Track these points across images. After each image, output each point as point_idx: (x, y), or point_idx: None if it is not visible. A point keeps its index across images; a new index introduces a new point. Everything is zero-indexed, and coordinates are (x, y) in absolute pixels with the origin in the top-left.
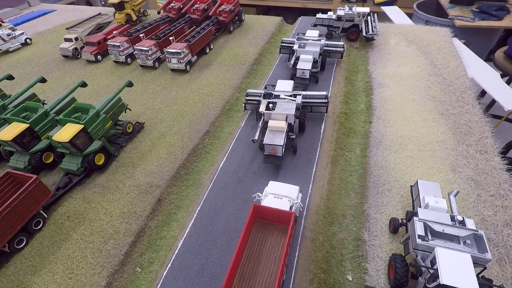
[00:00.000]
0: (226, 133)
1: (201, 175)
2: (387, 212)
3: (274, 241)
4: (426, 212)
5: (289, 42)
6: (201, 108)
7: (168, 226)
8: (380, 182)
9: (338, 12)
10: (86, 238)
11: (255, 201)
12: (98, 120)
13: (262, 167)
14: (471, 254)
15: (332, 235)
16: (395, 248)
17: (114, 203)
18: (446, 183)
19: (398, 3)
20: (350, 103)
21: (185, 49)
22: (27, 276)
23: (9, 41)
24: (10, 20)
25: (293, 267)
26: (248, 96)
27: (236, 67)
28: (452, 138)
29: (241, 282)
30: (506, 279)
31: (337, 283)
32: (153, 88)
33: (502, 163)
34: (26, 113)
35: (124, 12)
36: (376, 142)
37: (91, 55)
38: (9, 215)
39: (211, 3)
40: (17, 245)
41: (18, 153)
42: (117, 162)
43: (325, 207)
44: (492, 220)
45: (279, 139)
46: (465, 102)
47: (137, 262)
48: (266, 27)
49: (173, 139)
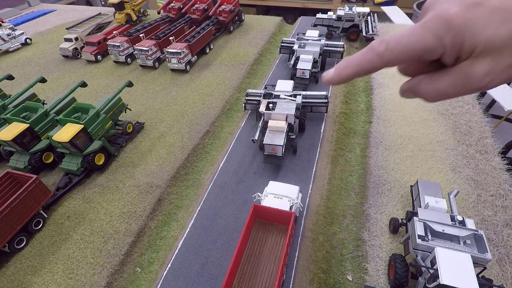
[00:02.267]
0: (226, 133)
1: (201, 175)
2: (387, 212)
3: (274, 241)
4: (426, 212)
5: (289, 42)
6: (201, 108)
7: (168, 226)
8: (380, 182)
9: (338, 12)
10: (86, 238)
11: (255, 201)
12: (98, 120)
13: (262, 167)
14: (471, 254)
15: (332, 235)
16: (395, 248)
17: (114, 203)
18: (446, 183)
19: (398, 3)
20: (350, 103)
21: (185, 49)
22: (27, 276)
23: (9, 41)
24: (10, 20)
25: (293, 267)
26: (248, 96)
27: (236, 67)
28: (452, 138)
29: (241, 282)
30: (506, 279)
31: (337, 283)
32: (153, 88)
33: (502, 163)
34: (26, 113)
35: (124, 12)
36: (376, 142)
37: (91, 55)
38: (9, 215)
39: (211, 3)
40: (17, 245)
41: (18, 153)
42: (117, 162)
43: (325, 207)
44: (492, 220)
45: (279, 139)
46: (465, 102)
47: (137, 262)
48: (266, 27)
49: (173, 139)
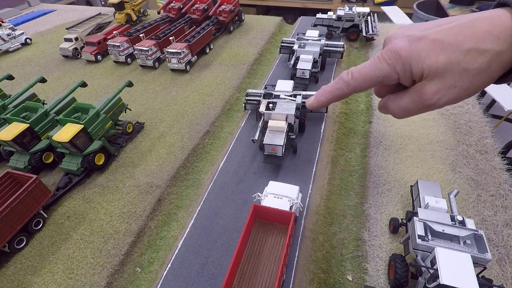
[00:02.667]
0: (226, 133)
1: (201, 175)
2: (387, 212)
3: (274, 241)
4: (426, 212)
5: (289, 42)
6: (201, 108)
7: (168, 226)
8: (380, 182)
9: (338, 12)
10: (86, 238)
11: (255, 201)
12: (98, 120)
13: (262, 167)
14: (471, 254)
15: (332, 235)
16: (395, 248)
17: (114, 203)
18: (446, 183)
19: (398, 3)
20: (350, 103)
21: (185, 49)
22: (27, 276)
23: (9, 41)
24: (10, 20)
25: (293, 267)
26: (248, 96)
27: (236, 67)
28: (452, 138)
29: (241, 282)
30: (506, 279)
31: (337, 283)
32: (153, 88)
33: (502, 163)
34: (26, 113)
35: (124, 12)
36: (376, 142)
37: (91, 55)
38: (9, 215)
39: (211, 3)
40: (17, 245)
41: (18, 153)
42: (117, 162)
43: (325, 207)
44: (492, 220)
45: (279, 139)
46: (465, 102)
47: (137, 262)
48: (266, 27)
49: (173, 139)
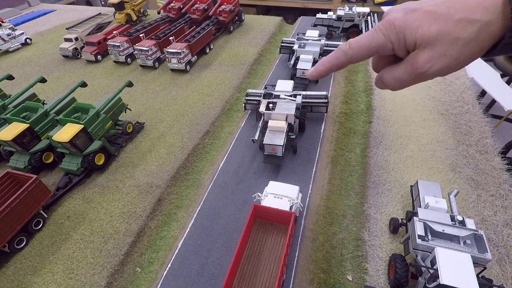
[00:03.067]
0: (226, 133)
1: (201, 175)
2: (387, 212)
3: (274, 241)
4: (426, 212)
5: (289, 42)
6: (201, 108)
7: (168, 226)
8: (380, 182)
9: (338, 12)
10: (86, 238)
11: (255, 201)
12: (98, 120)
13: (262, 167)
14: (471, 254)
15: (332, 235)
16: (395, 248)
17: (114, 203)
18: (446, 183)
19: (398, 3)
20: (350, 103)
21: (185, 49)
22: (27, 276)
23: (9, 41)
24: (10, 20)
25: (293, 267)
26: (248, 96)
27: (236, 67)
28: (452, 138)
29: (241, 282)
30: (506, 279)
31: (337, 283)
32: (153, 88)
33: (502, 163)
34: (26, 113)
35: (124, 12)
36: (376, 142)
37: (91, 55)
38: (9, 215)
39: (211, 3)
40: (17, 245)
41: (18, 153)
42: (117, 162)
43: (325, 207)
44: (492, 220)
45: (279, 139)
46: (465, 102)
47: (137, 262)
48: (266, 27)
49: (173, 139)
